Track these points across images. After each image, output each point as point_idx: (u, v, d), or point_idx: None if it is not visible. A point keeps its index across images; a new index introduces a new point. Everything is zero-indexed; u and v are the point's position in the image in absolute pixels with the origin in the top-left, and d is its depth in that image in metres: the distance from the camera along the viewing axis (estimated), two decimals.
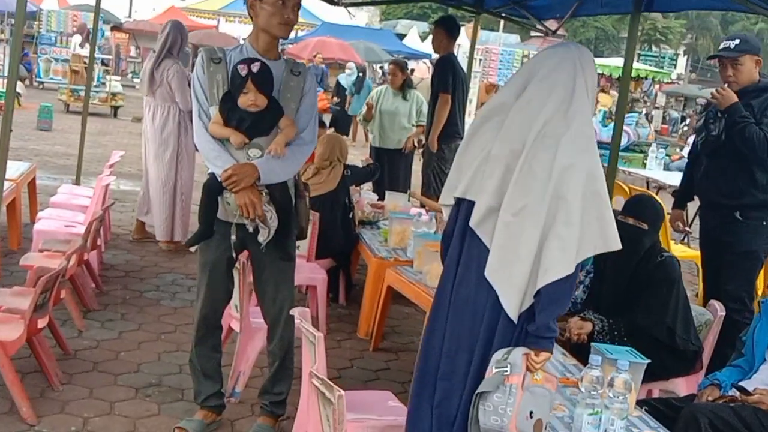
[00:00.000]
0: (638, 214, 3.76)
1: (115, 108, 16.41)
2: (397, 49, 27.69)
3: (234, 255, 3.45)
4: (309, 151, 3.51)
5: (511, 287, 2.61)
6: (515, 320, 2.63)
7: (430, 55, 27.83)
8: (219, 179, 3.24)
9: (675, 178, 9.04)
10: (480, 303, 2.72)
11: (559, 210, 2.54)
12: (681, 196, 5.12)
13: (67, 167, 9.33)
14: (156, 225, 6.57)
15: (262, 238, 3.31)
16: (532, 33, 25.12)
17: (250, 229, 3.31)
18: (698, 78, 48.28)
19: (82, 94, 10.16)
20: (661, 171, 10.22)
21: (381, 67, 26.11)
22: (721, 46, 4.59)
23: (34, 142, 11.62)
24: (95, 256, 5.35)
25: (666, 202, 5.10)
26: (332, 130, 10.83)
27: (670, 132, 26.93)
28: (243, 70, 3.23)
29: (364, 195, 6.61)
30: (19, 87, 15.48)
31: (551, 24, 7.69)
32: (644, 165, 11.71)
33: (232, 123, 3.26)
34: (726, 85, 4.51)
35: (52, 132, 12.80)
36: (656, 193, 8.63)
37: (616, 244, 2.62)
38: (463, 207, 2.82)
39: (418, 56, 28.32)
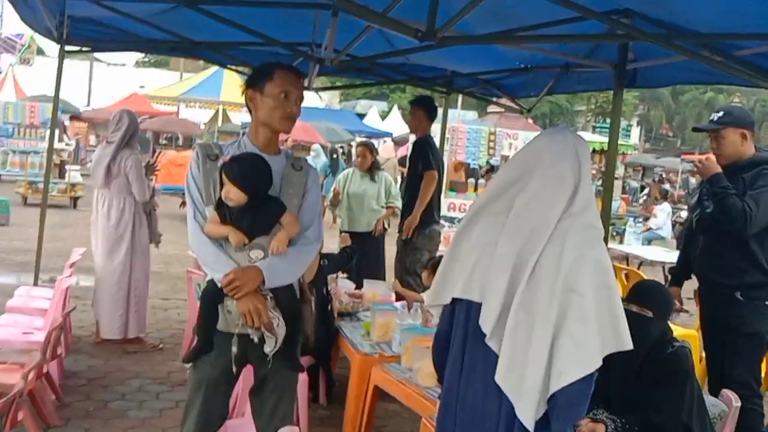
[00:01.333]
0: (641, 300, 3.53)
1: (75, 199, 16.04)
2: (359, 129, 27.85)
3: (234, 370, 3.09)
4: (315, 251, 3.19)
5: (526, 393, 2.36)
6: (531, 429, 2.37)
7: (391, 134, 28.10)
8: (219, 285, 2.94)
9: (656, 253, 8.90)
10: (490, 413, 2.47)
11: (570, 305, 2.34)
12: (678, 274, 4.88)
13: (25, 264, 8.92)
14: (107, 323, 6.18)
15: (269, 348, 2.99)
16: (489, 109, 25.32)
17: (255, 339, 2.99)
18: (652, 147, 49.40)
19: (41, 186, 9.82)
20: (640, 246, 10.04)
21: (341, 147, 26.14)
22: (710, 118, 4.51)
23: None
24: (56, 365, 4.96)
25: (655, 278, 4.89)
26: None
27: (631, 202, 27.26)
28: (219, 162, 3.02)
29: (341, 284, 6.33)
30: None
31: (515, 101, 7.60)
32: (613, 238, 11.54)
33: (229, 222, 2.99)
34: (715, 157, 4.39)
35: (9, 227, 12.36)
36: (637, 268, 8.47)
37: (628, 343, 2.42)
38: (461, 307, 2.59)
39: (379, 135, 28.52)
